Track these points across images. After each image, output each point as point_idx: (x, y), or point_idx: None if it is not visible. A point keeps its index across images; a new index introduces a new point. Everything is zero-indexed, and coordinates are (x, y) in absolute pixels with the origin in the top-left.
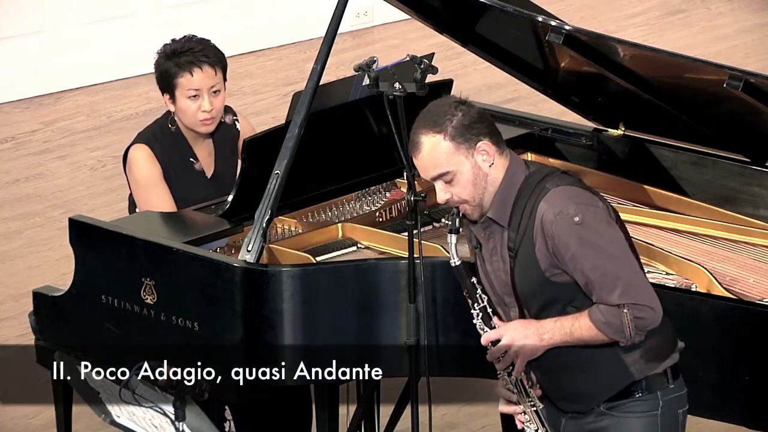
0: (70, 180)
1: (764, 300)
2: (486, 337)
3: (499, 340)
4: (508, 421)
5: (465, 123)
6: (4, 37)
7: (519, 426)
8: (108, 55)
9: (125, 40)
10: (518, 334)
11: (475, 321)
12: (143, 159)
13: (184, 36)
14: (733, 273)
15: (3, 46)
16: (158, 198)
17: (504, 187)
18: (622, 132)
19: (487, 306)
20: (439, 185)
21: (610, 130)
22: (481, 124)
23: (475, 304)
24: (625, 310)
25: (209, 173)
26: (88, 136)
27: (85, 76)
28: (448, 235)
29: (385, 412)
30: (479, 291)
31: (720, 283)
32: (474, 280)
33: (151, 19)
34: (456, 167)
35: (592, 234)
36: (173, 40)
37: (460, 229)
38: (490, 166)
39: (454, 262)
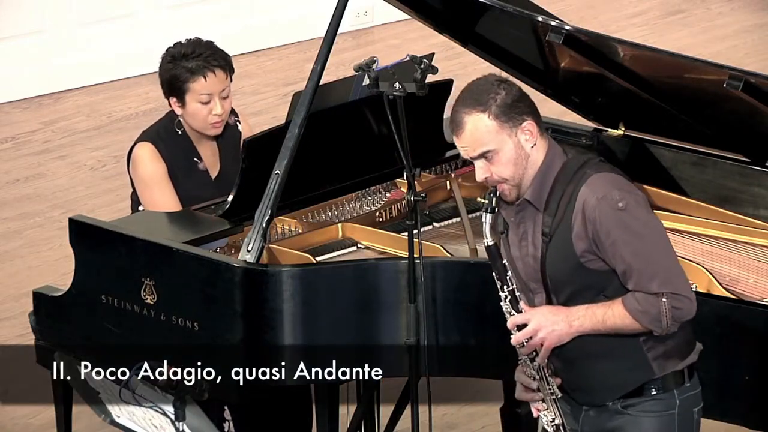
0: (70, 180)
1: (764, 300)
2: (512, 320)
3: (525, 325)
4: (508, 421)
5: (508, 102)
6: (4, 37)
7: (535, 414)
8: (108, 55)
9: (125, 40)
10: (546, 320)
11: (502, 304)
12: (148, 157)
13: (189, 39)
14: (733, 273)
15: (3, 46)
16: (162, 196)
17: (543, 170)
18: (622, 132)
19: (516, 289)
20: (479, 164)
21: (610, 130)
22: (524, 103)
23: (504, 287)
24: (663, 299)
25: (213, 173)
26: (88, 136)
27: (85, 76)
28: (483, 214)
29: (385, 412)
30: (509, 273)
31: (720, 283)
32: (505, 261)
33: (151, 19)
34: (498, 146)
35: (635, 220)
36: (178, 44)
37: (496, 209)
38: (532, 146)
39: (487, 242)
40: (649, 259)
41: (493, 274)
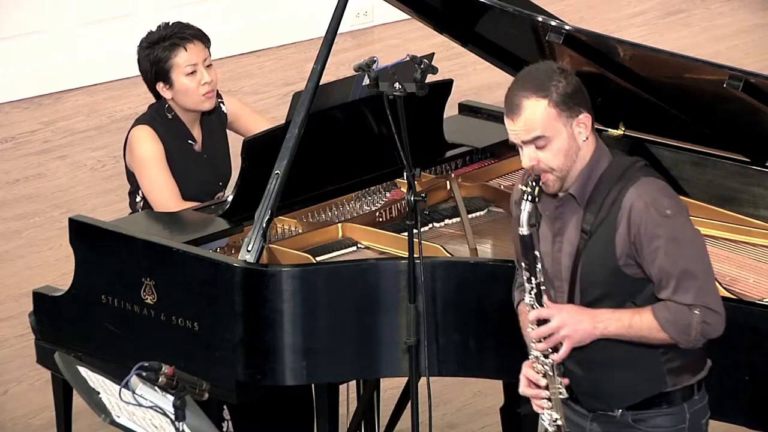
0: (70, 180)
1: (764, 300)
2: (536, 313)
3: (547, 320)
4: (508, 421)
5: (569, 91)
6: (4, 37)
7: (537, 410)
8: (108, 55)
9: (125, 40)
10: (571, 319)
11: (526, 296)
12: (146, 137)
13: (159, 25)
14: (733, 273)
15: (3, 46)
16: (161, 176)
17: (590, 166)
18: (622, 132)
19: (541, 283)
20: (528, 150)
21: (610, 130)
22: (581, 95)
23: (533, 278)
24: (696, 312)
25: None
26: (88, 136)
27: (85, 76)
28: (524, 201)
29: (385, 412)
30: (539, 265)
31: (720, 283)
32: (537, 253)
33: (151, 19)
34: (553, 134)
35: (680, 230)
36: (149, 33)
37: (537, 198)
38: (584, 140)
39: (523, 231)
40: (688, 269)
41: (522, 263)
